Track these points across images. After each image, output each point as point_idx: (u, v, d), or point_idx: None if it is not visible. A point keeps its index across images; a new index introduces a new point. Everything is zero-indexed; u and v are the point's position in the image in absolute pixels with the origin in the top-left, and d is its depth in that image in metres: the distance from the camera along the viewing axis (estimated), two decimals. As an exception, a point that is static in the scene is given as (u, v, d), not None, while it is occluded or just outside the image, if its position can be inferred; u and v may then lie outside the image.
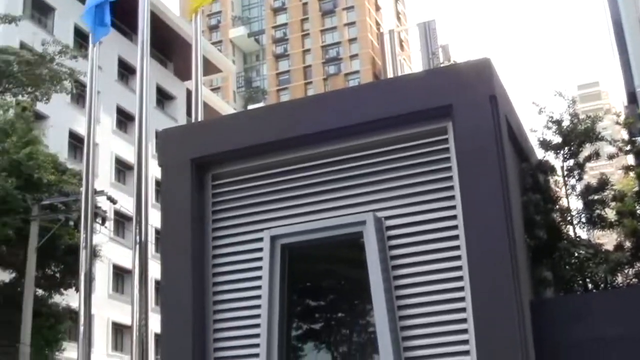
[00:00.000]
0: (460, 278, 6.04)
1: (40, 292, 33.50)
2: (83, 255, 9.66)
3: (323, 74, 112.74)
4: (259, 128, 6.88)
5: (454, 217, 6.22)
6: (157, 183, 14.95)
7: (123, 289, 46.61)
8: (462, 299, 5.97)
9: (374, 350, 6.48)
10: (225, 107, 65.16)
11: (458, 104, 6.35)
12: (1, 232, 30.54)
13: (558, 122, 9.24)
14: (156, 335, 10.04)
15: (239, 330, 6.57)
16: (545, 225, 7.77)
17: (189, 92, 54.04)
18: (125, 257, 41.64)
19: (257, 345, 6.38)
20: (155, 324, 9.56)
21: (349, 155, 6.69)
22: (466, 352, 5.86)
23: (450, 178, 6.35)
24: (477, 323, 5.76)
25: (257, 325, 6.42)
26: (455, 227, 6.20)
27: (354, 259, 6.86)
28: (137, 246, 9.37)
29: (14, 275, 34.07)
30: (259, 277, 6.54)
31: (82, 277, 9.64)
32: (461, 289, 6.01)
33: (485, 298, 5.77)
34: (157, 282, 14.34)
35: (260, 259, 6.58)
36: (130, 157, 45.53)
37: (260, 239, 6.64)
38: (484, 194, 6.07)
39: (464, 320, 5.94)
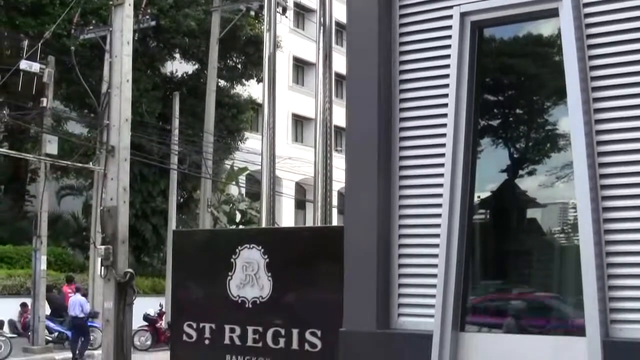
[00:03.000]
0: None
1: (222, 83, 34.93)
2: (267, 37, 9.91)
3: None
4: None
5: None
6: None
7: (303, 81, 47.81)
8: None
9: (553, 147, 6.47)
10: None
11: None
12: (183, 24, 31.72)
13: None
14: (336, 127, 10.34)
15: (424, 110, 6.61)
16: None
17: None
18: (305, 49, 42.40)
19: (443, 125, 6.45)
20: (337, 116, 9.86)
21: None
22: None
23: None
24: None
25: (444, 105, 6.46)
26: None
27: (543, 51, 6.74)
28: (321, 32, 9.52)
29: (196, 66, 35.59)
30: (448, 56, 6.50)
31: (265, 61, 9.94)
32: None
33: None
34: (337, 75, 14.60)
35: (449, 37, 6.51)
36: (308, -55, 45.27)
37: (450, 17, 6.55)
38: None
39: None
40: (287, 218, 41.43)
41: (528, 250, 6.84)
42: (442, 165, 6.36)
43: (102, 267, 9.53)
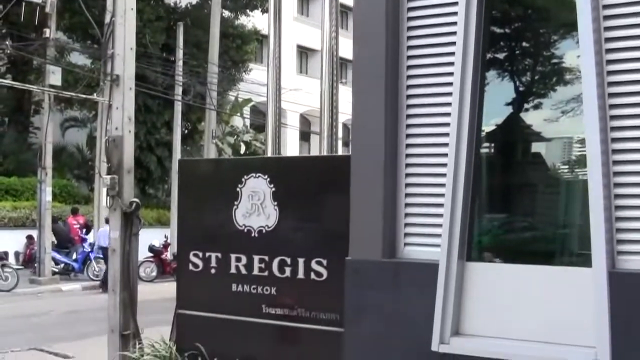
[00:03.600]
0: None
1: (226, 13, 34.60)
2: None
3: None
4: None
5: None
6: None
7: (308, 12, 47.36)
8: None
9: (560, 81, 6.45)
10: None
11: None
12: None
13: None
14: (342, 59, 10.27)
15: (432, 38, 6.52)
16: None
17: None
18: (310, -21, 41.86)
19: (451, 54, 6.39)
20: (343, 47, 9.77)
21: None
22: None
23: None
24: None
25: (453, 33, 6.38)
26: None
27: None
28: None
29: (200, -4, 35.23)
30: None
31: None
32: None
33: None
34: (343, 6, 14.44)
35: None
36: None
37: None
38: None
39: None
40: (291, 150, 41.45)
41: (534, 183, 6.86)
42: (449, 94, 6.33)
43: (108, 197, 9.53)
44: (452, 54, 6.34)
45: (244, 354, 8.04)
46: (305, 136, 45.17)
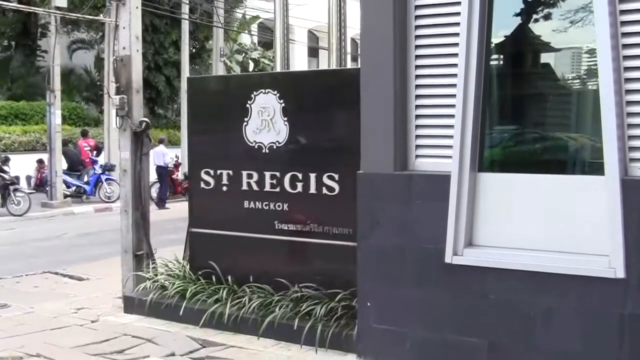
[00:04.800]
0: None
1: None
2: None
3: None
4: None
5: None
6: None
7: None
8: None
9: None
10: None
11: None
12: None
13: None
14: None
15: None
16: None
17: None
18: None
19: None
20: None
21: None
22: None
23: None
24: None
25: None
26: None
27: None
28: None
29: None
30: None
31: None
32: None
33: None
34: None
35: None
36: None
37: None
38: None
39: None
40: (299, 66, 41.15)
41: (544, 93, 6.82)
42: (458, 4, 6.24)
43: (117, 118, 9.50)
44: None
45: (257, 271, 8.13)
46: (313, 52, 44.78)
